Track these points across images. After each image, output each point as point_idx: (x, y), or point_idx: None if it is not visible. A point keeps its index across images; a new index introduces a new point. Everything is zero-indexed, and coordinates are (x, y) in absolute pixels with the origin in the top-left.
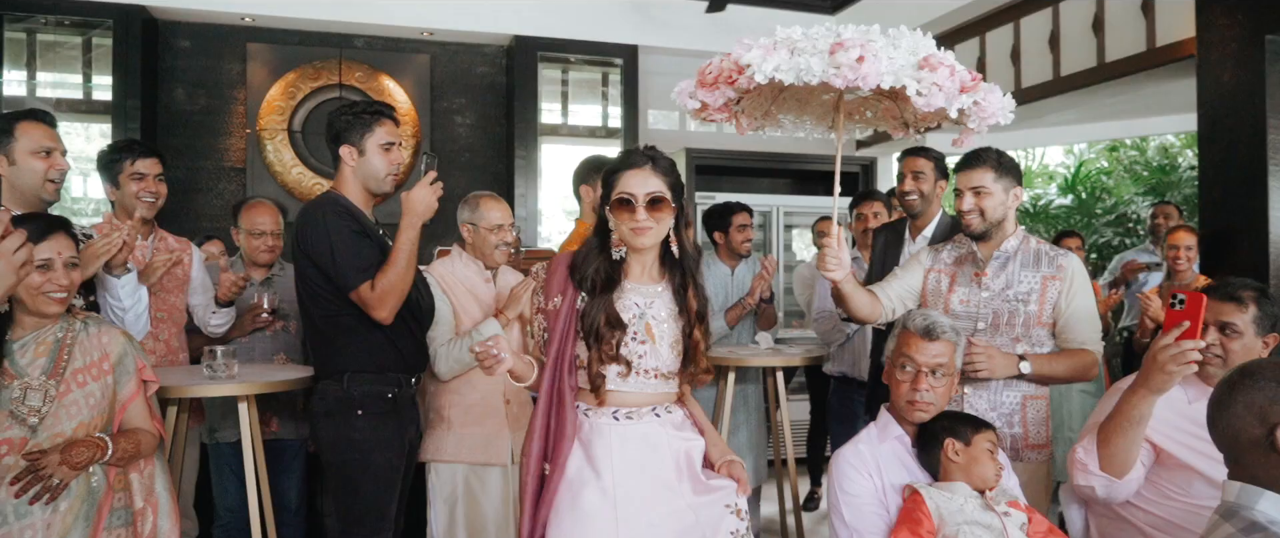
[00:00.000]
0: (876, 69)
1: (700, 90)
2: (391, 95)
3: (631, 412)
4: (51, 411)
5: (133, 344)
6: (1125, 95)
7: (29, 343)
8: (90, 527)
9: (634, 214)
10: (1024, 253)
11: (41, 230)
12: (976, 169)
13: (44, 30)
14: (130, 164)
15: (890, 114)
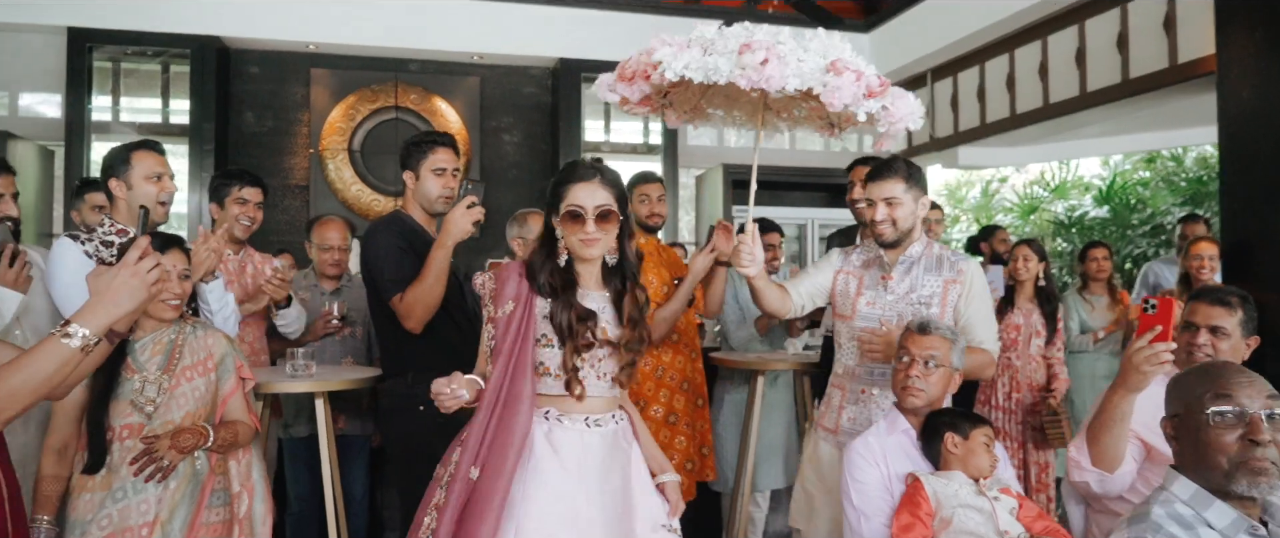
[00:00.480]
0: (781, 72)
1: (619, 83)
2: (443, 116)
3: (600, 418)
4: (164, 402)
5: (233, 346)
6: (1150, 109)
7: (148, 343)
8: (194, 505)
9: (583, 226)
10: (927, 258)
11: (159, 246)
12: (888, 180)
13: (127, 60)
14: (237, 190)
15: (817, 114)
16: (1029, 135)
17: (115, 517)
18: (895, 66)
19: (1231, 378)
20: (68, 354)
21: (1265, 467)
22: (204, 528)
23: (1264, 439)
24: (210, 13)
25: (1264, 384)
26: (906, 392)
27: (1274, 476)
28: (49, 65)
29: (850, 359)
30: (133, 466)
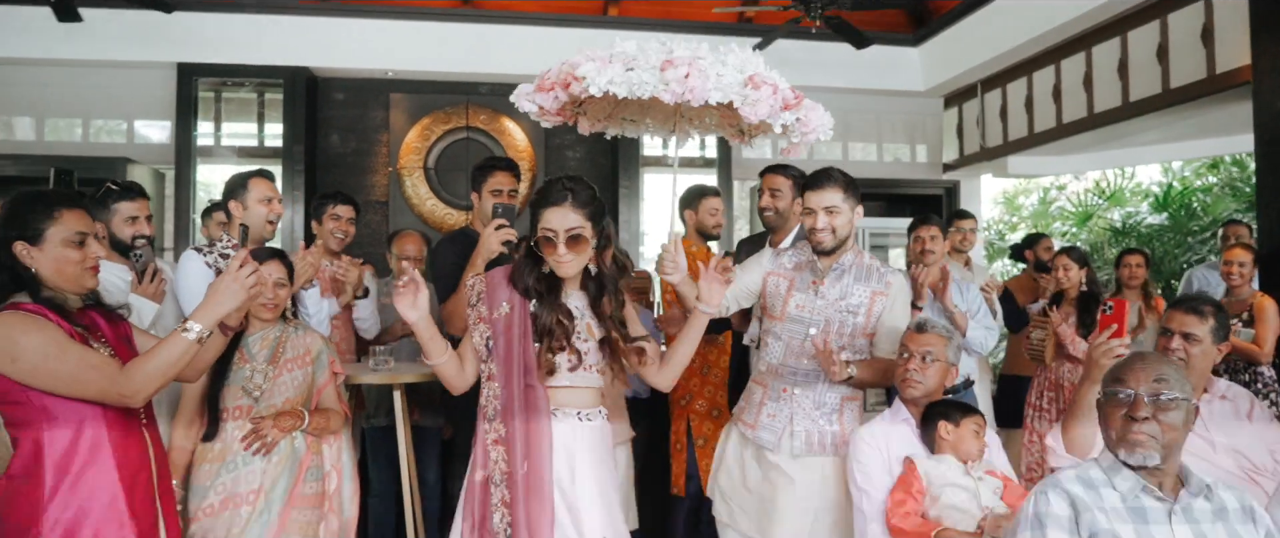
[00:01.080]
0: (704, 86)
1: (537, 93)
2: (511, 134)
3: (590, 413)
4: (268, 388)
5: (328, 345)
6: (1192, 118)
7: (257, 338)
8: (292, 479)
9: (555, 249)
10: (857, 267)
11: (262, 258)
12: (828, 189)
13: (227, 89)
14: (332, 208)
15: (728, 121)
16: (1076, 144)
17: (228, 484)
18: (945, 79)
19: (1131, 366)
20: (187, 345)
21: (1141, 439)
22: (300, 498)
23: (1139, 415)
24: (301, 46)
25: (1158, 371)
26: (906, 384)
27: (1149, 447)
28: (160, 96)
29: (774, 358)
30: (243, 441)
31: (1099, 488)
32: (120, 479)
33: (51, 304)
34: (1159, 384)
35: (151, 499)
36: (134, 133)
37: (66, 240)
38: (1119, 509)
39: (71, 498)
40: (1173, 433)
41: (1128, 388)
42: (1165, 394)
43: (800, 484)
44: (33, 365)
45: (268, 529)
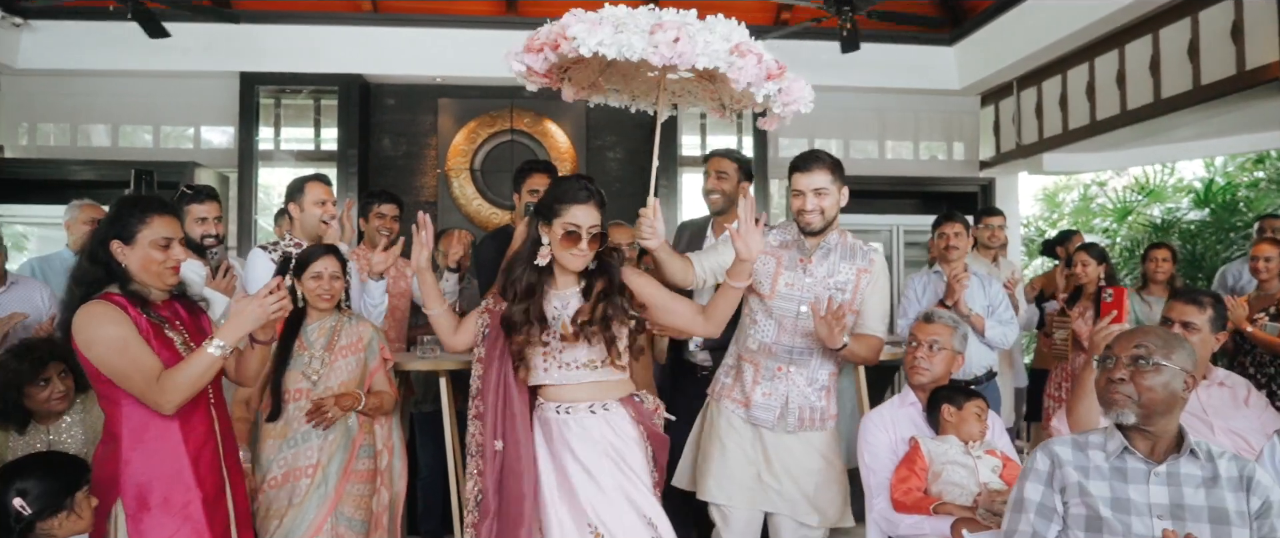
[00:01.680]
0: (692, 50)
1: (526, 54)
2: (553, 136)
3: (571, 406)
4: (325, 373)
5: (379, 333)
6: (1224, 115)
7: (315, 327)
8: (346, 455)
9: (577, 244)
10: (842, 246)
11: (319, 254)
12: (816, 171)
13: (286, 97)
14: (377, 206)
15: (710, 95)
16: (1110, 141)
17: (289, 458)
18: (981, 77)
19: (1120, 337)
20: (212, 361)
21: (1117, 398)
22: (354, 474)
23: (1116, 377)
24: (354, 55)
25: (1140, 340)
26: (914, 371)
27: (1125, 405)
28: (224, 104)
29: (768, 336)
30: (307, 417)
31: (1088, 450)
32: (186, 451)
33: (135, 296)
34: (1138, 350)
35: (217, 469)
36: (200, 138)
37: (154, 242)
38: (1102, 468)
39: (144, 465)
40: (1151, 395)
41: (1112, 355)
42: (1143, 359)
43: (801, 456)
44: (100, 355)
45: (324, 501)
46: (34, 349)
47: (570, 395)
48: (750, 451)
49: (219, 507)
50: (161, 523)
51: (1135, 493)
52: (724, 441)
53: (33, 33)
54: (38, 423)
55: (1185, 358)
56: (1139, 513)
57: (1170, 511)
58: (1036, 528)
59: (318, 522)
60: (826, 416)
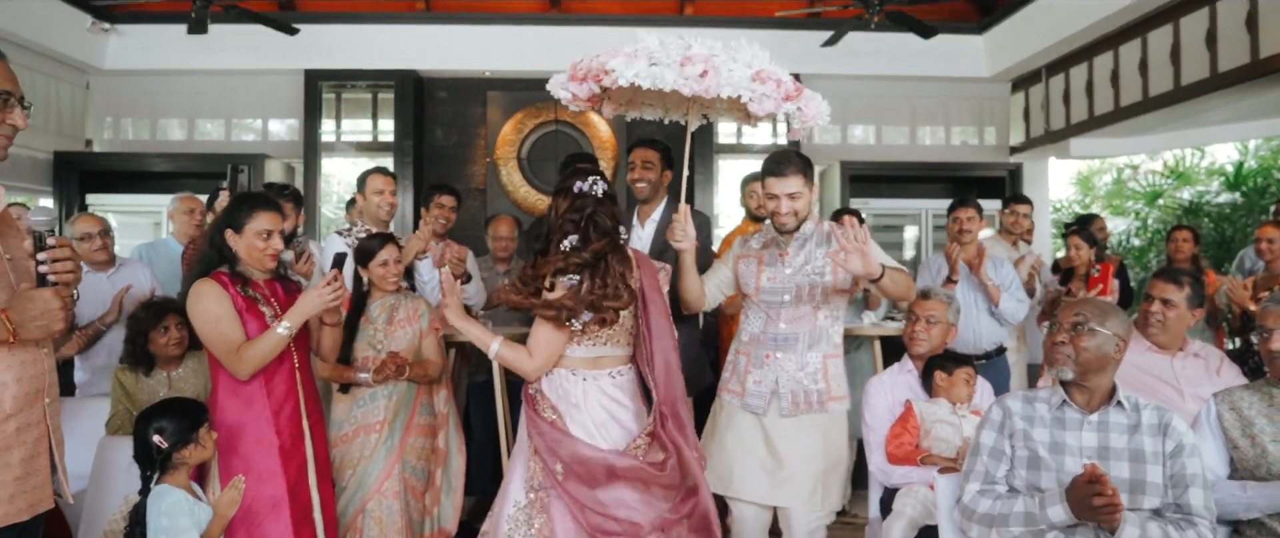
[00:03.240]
0: (718, 82)
1: (570, 83)
2: (596, 127)
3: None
4: (386, 342)
5: (431, 308)
6: (1246, 101)
7: (377, 305)
8: (409, 412)
9: None
10: (818, 234)
11: (382, 242)
12: (790, 176)
13: (346, 91)
14: (438, 197)
15: (737, 107)
16: (1134, 127)
17: (358, 417)
18: (1010, 64)
19: (1064, 307)
20: (279, 340)
21: (1057, 357)
22: (416, 428)
23: (1058, 339)
24: (409, 51)
25: (1080, 310)
26: (914, 342)
27: (1063, 363)
28: (290, 99)
29: (755, 328)
30: (376, 375)
31: (1035, 403)
32: (269, 404)
33: (239, 276)
34: (1077, 317)
35: (297, 423)
36: (268, 131)
37: (257, 232)
38: (1044, 418)
39: (235, 413)
40: (1086, 355)
41: (1057, 321)
42: (1080, 325)
43: (800, 440)
44: (198, 324)
45: (391, 453)
46: (157, 304)
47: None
48: (749, 440)
49: (295, 455)
50: (243, 461)
51: (1070, 438)
52: (724, 434)
53: (118, 37)
54: (159, 367)
55: (1118, 325)
56: (1072, 454)
57: (1098, 452)
58: (988, 468)
59: (386, 470)
60: (826, 398)
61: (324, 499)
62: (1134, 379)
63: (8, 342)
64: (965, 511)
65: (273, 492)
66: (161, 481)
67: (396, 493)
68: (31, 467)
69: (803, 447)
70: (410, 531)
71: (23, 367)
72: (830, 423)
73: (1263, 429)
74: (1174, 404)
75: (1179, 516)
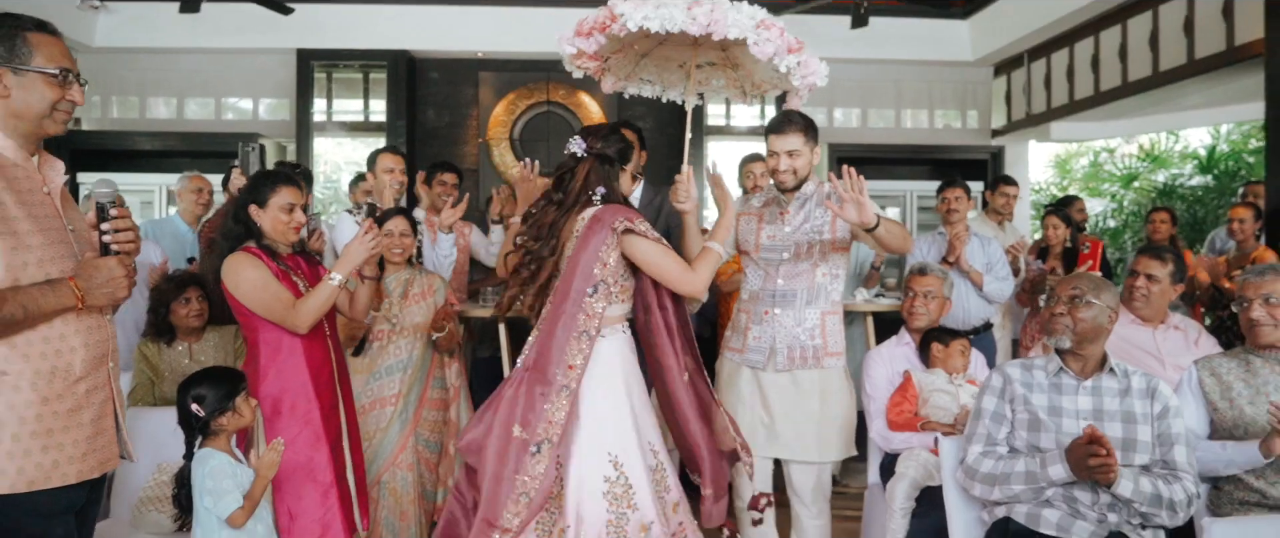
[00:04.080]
0: (724, 21)
1: (576, 37)
2: (587, 107)
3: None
4: (402, 316)
5: (444, 283)
6: (1220, 87)
7: (392, 279)
8: (422, 386)
9: None
10: (818, 194)
11: (391, 215)
12: (790, 133)
13: (337, 71)
14: (440, 175)
15: (733, 83)
16: (1113, 111)
17: (375, 390)
18: (993, 49)
19: (1061, 282)
20: (331, 290)
21: (1056, 326)
22: (429, 402)
23: (1057, 311)
24: (402, 32)
25: (1076, 284)
26: (912, 316)
27: (1062, 332)
28: (281, 78)
29: (754, 285)
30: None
31: (1033, 370)
32: (308, 370)
33: (267, 249)
34: (1074, 291)
35: (332, 388)
36: (258, 111)
37: (281, 206)
38: (1042, 384)
39: (277, 379)
40: (1084, 325)
41: (1055, 294)
42: (1077, 298)
43: (798, 394)
44: (247, 292)
45: (406, 425)
46: (179, 276)
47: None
48: (748, 396)
49: (333, 418)
50: (289, 425)
51: (1067, 402)
52: (725, 392)
53: (108, 15)
54: (180, 339)
55: (1111, 298)
56: (1069, 416)
57: (1093, 414)
58: (990, 431)
59: (401, 443)
60: (822, 354)
61: (356, 460)
62: (1119, 350)
63: (76, 308)
64: (970, 471)
65: (315, 455)
66: (204, 445)
67: (410, 465)
68: (100, 427)
69: (799, 402)
70: (422, 500)
71: (89, 332)
72: (826, 378)
73: (1240, 393)
74: (1156, 373)
75: (1166, 471)
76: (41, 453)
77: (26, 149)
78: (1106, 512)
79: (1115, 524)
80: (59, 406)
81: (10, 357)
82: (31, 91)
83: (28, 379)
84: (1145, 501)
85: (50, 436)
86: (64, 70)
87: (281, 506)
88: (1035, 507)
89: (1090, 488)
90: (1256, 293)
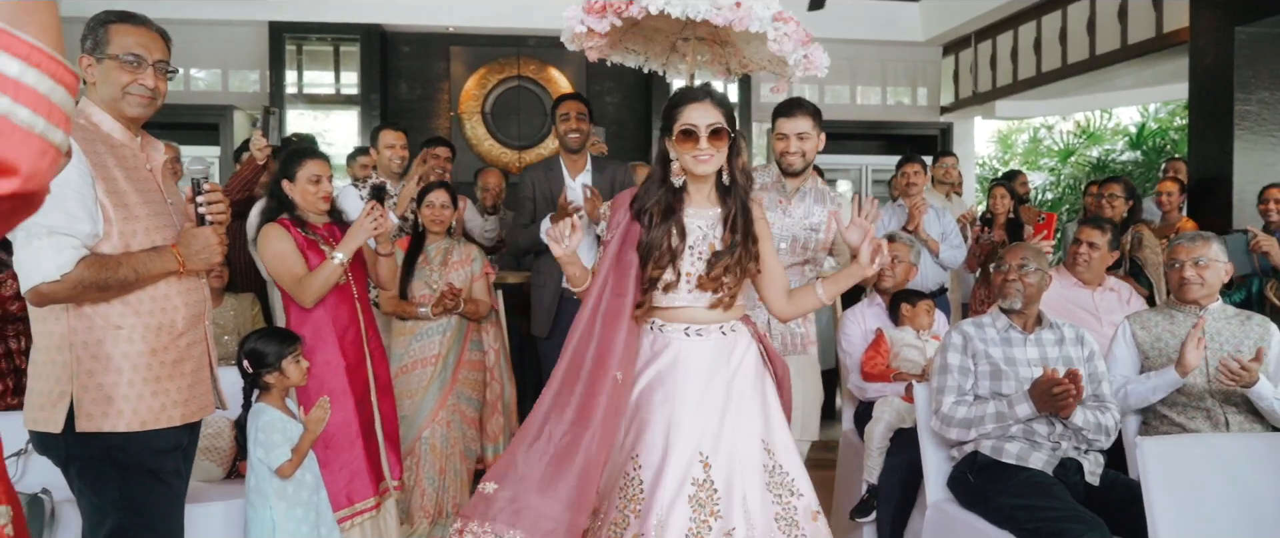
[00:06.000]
0: (749, 14)
1: (588, 16)
2: (556, 82)
3: (702, 328)
4: (441, 283)
5: (481, 253)
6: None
7: (433, 247)
8: (460, 347)
9: (696, 144)
10: (816, 191)
11: (432, 189)
12: (799, 117)
13: (309, 43)
14: (433, 149)
15: (718, 59)
16: (1055, 90)
17: (416, 351)
18: (942, 30)
19: (1008, 252)
20: (335, 268)
21: (1009, 290)
22: (467, 363)
23: (1010, 278)
24: (374, 5)
25: (1022, 255)
26: (881, 278)
27: (1013, 295)
28: (253, 51)
29: None
30: (434, 308)
31: (985, 327)
32: (334, 330)
33: (298, 220)
34: (1021, 261)
35: (359, 346)
36: (228, 82)
37: (308, 178)
38: (995, 338)
39: (308, 341)
40: (1030, 289)
41: (1006, 263)
42: (1024, 266)
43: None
44: (267, 261)
45: (445, 385)
46: None
47: (703, 317)
48: None
49: (359, 374)
50: (317, 382)
51: (1018, 353)
52: None
53: None
54: None
55: (1046, 264)
56: (1022, 364)
57: (1039, 361)
58: (959, 382)
59: (440, 401)
60: (806, 342)
61: (384, 414)
62: (1062, 309)
63: (178, 272)
64: (946, 419)
65: (342, 408)
66: (260, 399)
67: (449, 422)
68: (198, 377)
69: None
70: (465, 457)
71: (189, 293)
72: (808, 364)
73: (1166, 341)
74: (1093, 329)
75: (1096, 404)
76: (152, 397)
77: (131, 130)
78: (1060, 441)
79: (1065, 451)
80: (165, 356)
81: (124, 313)
82: (108, 77)
83: (139, 333)
84: (1091, 428)
85: (158, 382)
86: (135, 56)
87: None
88: (999, 441)
89: (1047, 422)
90: (1187, 256)
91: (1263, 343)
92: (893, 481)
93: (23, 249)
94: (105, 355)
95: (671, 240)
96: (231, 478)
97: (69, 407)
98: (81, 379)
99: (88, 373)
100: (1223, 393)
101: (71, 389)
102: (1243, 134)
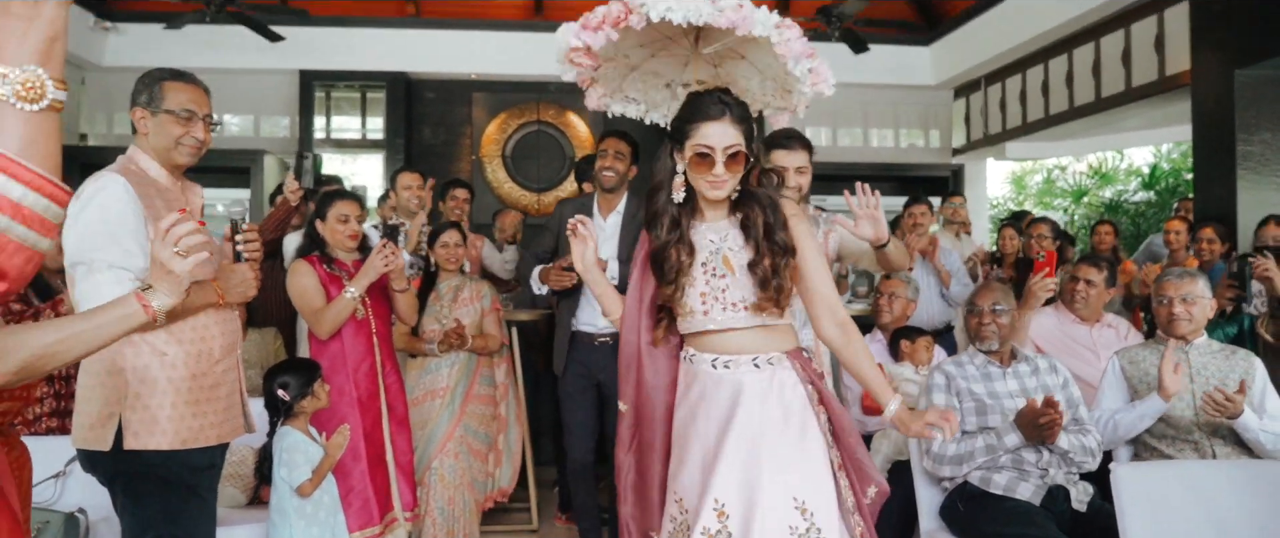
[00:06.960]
0: (751, 17)
1: (583, 31)
2: (575, 127)
3: (732, 359)
4: (451, 317)
5: (491, 289)
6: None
7: (445, 285)
8: (469, 382)
9: (711, 168)
10: (809, 219)
11: (444, 228)
12: (798, 150)
13: (337, 90)
14: (452, 191)
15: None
16: (1062, 132)
17: (426, 383)
18: (953, 74)
19: (980, 293)
20: (348, 303)
21: (985, 333)
22: (476, 397)
23: (985, 320)
24: (399, 54)
25: (994, 298)
26: (880, 313)
27: (990, 338)
28: (284, 97)
29: None
30: (440, 346)
31: (964, 366)
32: (348, 363)
33: (326, 257)
34: (995, 303)
35: (373, 378)
36: (260, 128)
37: (337, 217)
38: (975, 375)
39: (323, 362)
40: (1004, 330)
41: (979, 305)
42: (997, 309)
43: None
44: (294, 296)
45: (453, 417)
46: None
47: (735, 346)
48: None
49: (371, 405)
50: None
51: (999, 386)
52: None
53: (118, 35)
54: None
55: (1013, 303)
56: (1004, 397)
57: (1020, 393)
58: None
59: (448, 432)
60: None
61: (398, 446)
62: (1060, 344)
63: (217, 304)
64: (937, 458)
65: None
66: (285, 424)
67: (457, 454)
68: (231, 401)
69: None
70: (472, 488)
71: (225, 323)
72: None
73: (1153, 376)
74: (1091, 364)
75: (1077, 428)
76: (192, 418)
77: (174, 175)
78: (1048, 468)
79: (1053, 478)
80: (204, 381)
81: (169, 341)
82: (163, 129)
83: (181, 359)
84: (1076, 450)
85: (197, 405)
86: (188, 111)
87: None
88: (987, 472)
89: (1035, 450)
90: (1176, 292)
91: (1247, 376)
92: (891, 511)
93: (84, 282)
94: (152, 379)
95: (681, 254)
96: (253, 505)
97: (118, 426)
98: (130, 401)
99: (136, 395)
100: (1210, 425)
101: (121, 410)
102: (1245, 174)
